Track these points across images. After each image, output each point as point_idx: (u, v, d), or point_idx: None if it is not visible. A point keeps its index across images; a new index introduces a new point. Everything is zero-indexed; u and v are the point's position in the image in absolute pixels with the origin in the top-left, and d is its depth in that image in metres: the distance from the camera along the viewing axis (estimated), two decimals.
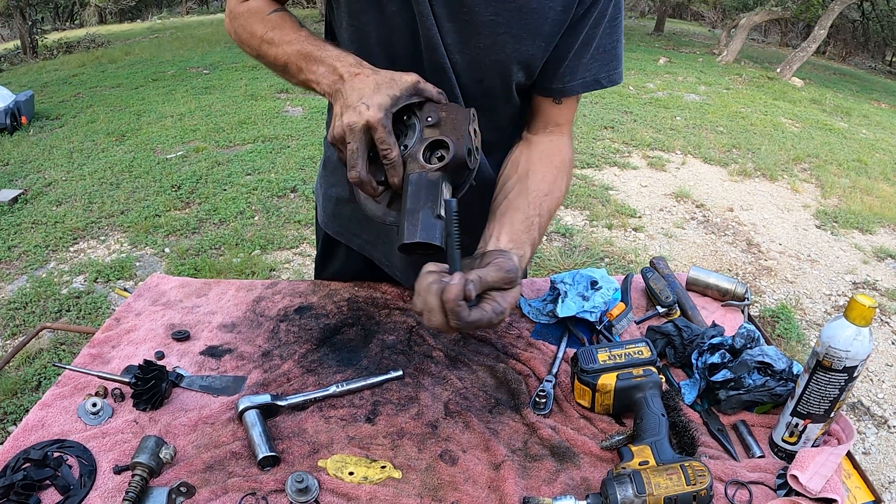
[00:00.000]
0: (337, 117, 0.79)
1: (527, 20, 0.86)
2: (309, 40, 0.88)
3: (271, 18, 0.93)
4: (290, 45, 0.88)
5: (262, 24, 0.93)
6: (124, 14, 20.04)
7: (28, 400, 2.47)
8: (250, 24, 0.94)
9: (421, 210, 0.74)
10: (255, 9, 0.95)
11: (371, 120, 0.75)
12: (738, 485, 0.83)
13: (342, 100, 0.79)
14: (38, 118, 6.33)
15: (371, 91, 0.78)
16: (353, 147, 0.76)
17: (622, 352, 0.94)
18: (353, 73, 0.81)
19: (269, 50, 0.91)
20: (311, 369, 1.03)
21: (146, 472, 0.79)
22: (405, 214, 0.74)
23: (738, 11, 14.95)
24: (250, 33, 0.94)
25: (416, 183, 0.76)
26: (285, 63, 0.89)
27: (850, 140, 6.99)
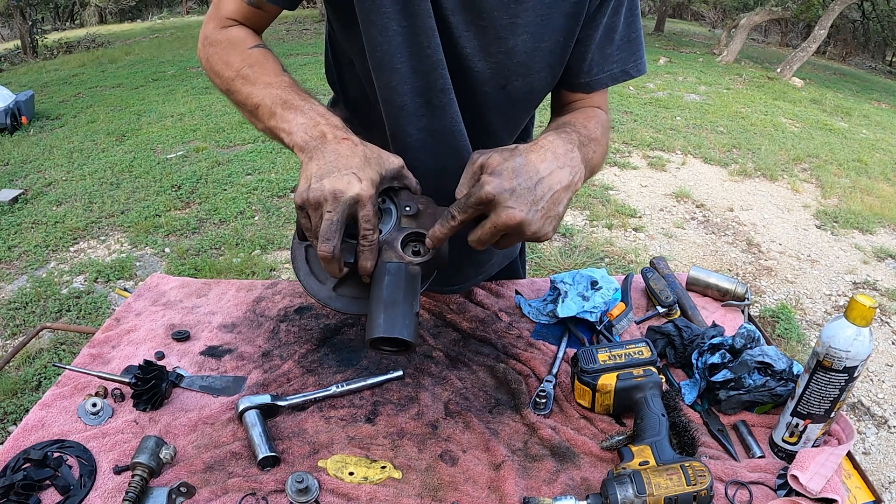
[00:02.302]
0: (312, 178, 0.70)
1: (543, 15, 0.86)
2: (292, 88, 0.82)
3: (252, 53, 0.86)
4: (268, 87, 0.81)
5: (240, 57, 0.86)
6: (124, 14, 20.04)
7: (28, 400, 2.47)
8: (227, 55, 0.87)
9: (400, 304, 0.70)
10: (236, 40, 0.89)
11: (362, 194, 0.70)
12: (738, 485, 0.83)
13: (321, 161, 0.72)
14: (38, 118, 6.33)
15: (360, 163, 0.72)
16: (334, 218, 0.69)
17: (622, 352, 0.94)
18: (339, 136, 0.75)
19: (243, 87, 0.84)
20: (312, 369, 1.03)
21: (146, 472, 0.79)
22: (381, 305, 0.70)
23: (738, 11, 14.95)
24: (225, 63, 0.87)
25: (396, 274, 0.72)
26: (257, 105, 0.81)
27: (851, 140, 6.98)
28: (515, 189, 0.69)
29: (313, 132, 0.75)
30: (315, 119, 0.76)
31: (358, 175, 0.71)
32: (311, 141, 0.74)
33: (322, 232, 0.69)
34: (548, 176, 0.72)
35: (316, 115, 0.77)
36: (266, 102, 0.80)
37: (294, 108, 0.78)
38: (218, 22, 0.92)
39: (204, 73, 0.92)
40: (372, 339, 0.69)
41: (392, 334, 0.68)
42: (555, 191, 0.72)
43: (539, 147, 0.74)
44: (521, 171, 0.70)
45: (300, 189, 0.71)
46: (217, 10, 0.93)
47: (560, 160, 0.74)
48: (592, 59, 0.93)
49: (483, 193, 0.69)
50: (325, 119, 0.77)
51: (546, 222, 0.72)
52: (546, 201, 0.71)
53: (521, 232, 0.71)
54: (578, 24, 0.88)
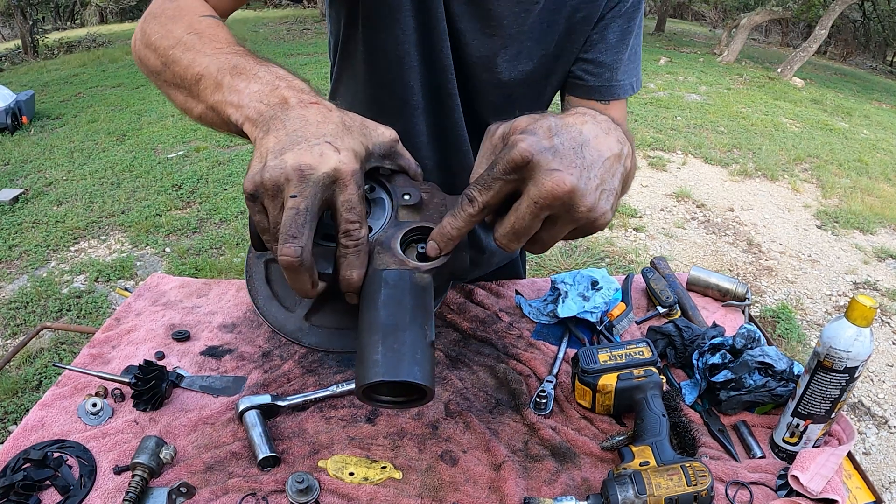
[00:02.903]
0: (268, 154, 0.50)
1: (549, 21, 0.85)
2: (247, 54, 0.61)
3: (203, 21, 0.67)
4: (216, 52, 0.61)
5: (185, 24, 0.66)
6: (125, 13, 20.03)
7: (28, 400, 2.47)
8: (171, 23, 0.67)
9: (407, 329, 0.47)
10: (186, 7, 0.69)
11: (342, 168, 0.49)
12: (738, 485, 0.83)
13: (282, 131, 0.51)
14: (38, 118, 6.34)
15: (337, 129, 0.52)
16: (301, 206, 0.47)
17: (623, 352, 0.94)
18: (306, 100, 0.54)
19: (183, 55, 0.63)
20: (312, 369, 1.03)
21: (146, 472, 0.79)
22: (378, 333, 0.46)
23: (738, 11, 14.95)
24: (165, 32, 0.66)
25: (396, 286, 0.49)
26: (198, 75, 0.60)
27: (851, 140, 6.98)
28: (557, 148, 0.49)
29: (270, 99, 0.54)
30: (274, 83, 0.56)
31: (334, 144, 0.50)
32: (267, 110, 0.53)
33: (283, 226, 0.47)
34: (594, 139, 0.51)
35: (274, 79, 0.56)
36: (210, 71, 0.59)
37: (246, 74, 0.57)
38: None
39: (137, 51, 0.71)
40: (365, 386, 0.45)
41: (397, 376, 0.44)
42: (605, 157, 0.51)
43: (573, 113, 0.54)
44: (561, 131, 0.50)
45: (251, 171, 0.50)
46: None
47: (602, 126, 0.53)
48: (604, 62, 0.90)
49: (517, 153, 0.48)
50: (287, 82, 0.56)
51: (603, 196, 0.50)
52: (598, 168, 0.50)
53: (574, 207, 0.49)
54: (584, 31, 0.87)
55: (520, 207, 0.49)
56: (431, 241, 0.53)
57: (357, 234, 0.51)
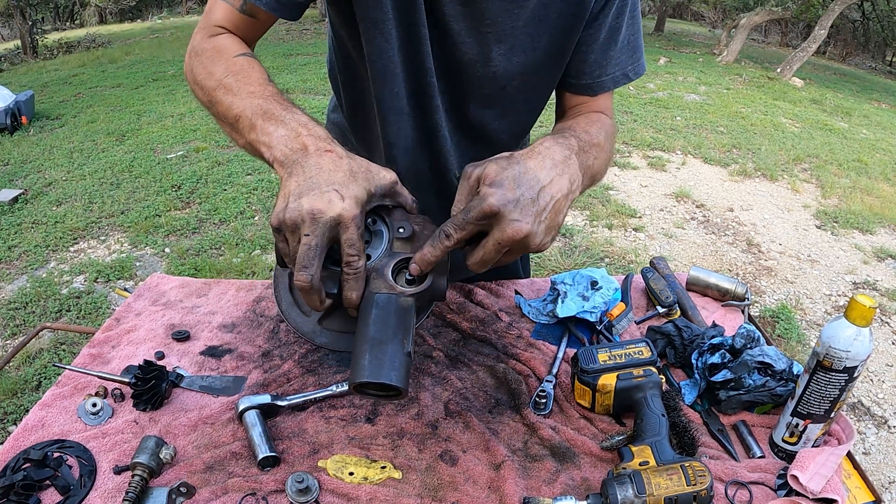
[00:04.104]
0: (290, 197, 0.63)
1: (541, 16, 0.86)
2: (275, 98, 0.74)
3: (237, 62, 0.79)
4: (250, 97, 0.74)
5: (224, 66, 0.79)
6: (124, 14, 20.04)
7: (28, 400, 2.47)
8: (212, 64, 0.80)
9: (389, 342, 0.61)
10: (221, 48, 0.82)
11: (345, 215, 0.62)
12: (738, 485, 0.83)
13: (301, 176, 0.64)
14: (38, 118, 6.34)
15: (344, 178, 0.64)
16: (312, 243, 0.61)
17: (622, 352, 0.94)
18: (322, 148, 0.67)
19: (224, 97, 0.76)
20: (312, 369, 1.03)
21: (146, 472, 0.79)
22: (367, 343, 0.61)
23: (738, 11, 14.95)
24: (208, 73, 0.79)
25: (384, 307, 0.63)
26: (237, 116, 0.74)
27: (851, 140, 6.99)
28: (519, 200, 0.64)
29: (294, 144, 0.68)
30: (297, 130, 0.69)
31: (340, 192, 0.63)
32: (291, 154, 0.67)
33: (299, 258, 0.61)
34: (549, 184, 0.68)
35: (297, 126, 0.70)
36: (247, 114, 0.73)
37: (275, 119, 0.71)
38: (206, 31, 0.85)
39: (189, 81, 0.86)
40: (356, 384, 0.60)
41: (377, 378, 0.59)
42: (556, 199, 0.68)
43: (536, 154, 0.70)
44: (523, 181, 0.65)
45: (276, 209, 0.64)
46: (206, 18, 0.87)
47: (559, 167, 0.70)
48: (595, 61, 0.92)
49: (486, 206, 0.63)
50: (308, 129, 0.69)
51: (548, 234, 0.69)
52: (549, 211, 0.67)
53: (526, 245, 0.66)
54: (578, 25, 0.88)
55: (486, 245, 0.66)
56: (413, 265, 0.68)
57: (356, 265, 0.65)
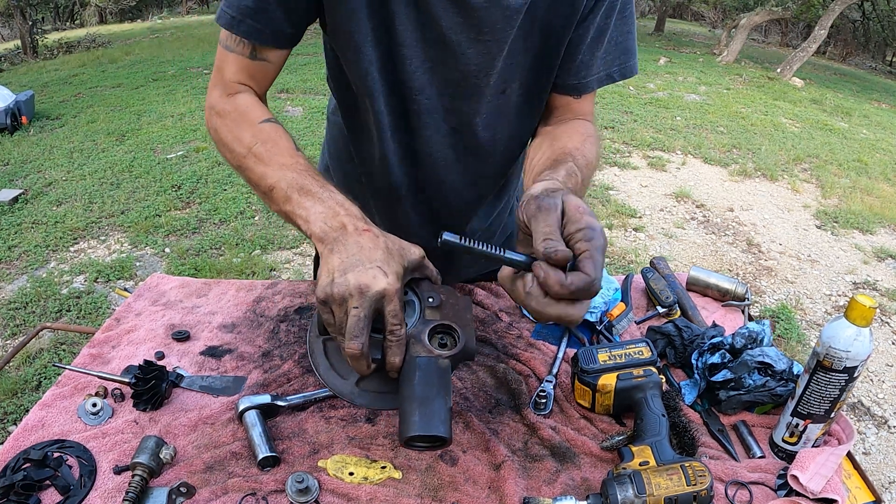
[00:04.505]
0: (335, 272, 0.69)
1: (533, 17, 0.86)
2: (308, 172, 0.79)
3: (263, 129, 0.84)
4: (283, 168, 0.79)
5: (251, 132, 0.84)
6: (125, 14, 20.03)
7: (28, 400, 2.47)
8: (238, 129, 0.85)
9: (434, 399, 0.68)
10: (244, 110, 0.86)
11: (389, 289, 0.68)
12: (738, 485, 0.83)
13: (344, 254, 0.70)
14: (38, 118, 6.34)
15: (384, 256, 0.71)
16: (361, 314, 0.67)
17: (622, 352, 0.94)
18: (360, 228, 0.73)
19: (256, 166, 0.81)
20: (312, 369, 1.03)
21: (146, 472, 0.79)
22: (415, 402, 0.68)
23: (738, 11, 14.95)
24: (236, 138, 0.84)
25: (426, 369, 0.70)
26: (271, 186, 0.79)
27: (851, 140, 6.99)
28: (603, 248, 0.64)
29: (333, 223, 0.74)
30: (334, 209, 0.75)
31: (383, 269, 0.69)
32: (330, 232, 0.73)
33: (349, 329, 0.67)
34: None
35: (335, 205, 0.75)
36: (281, 186, 0.78)
37: (311, 195, 0.76)
38: (223, 88, 0.88)
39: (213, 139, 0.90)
40: (408, 437, 0.67)
41: (430, 432, 0.66)
42: None
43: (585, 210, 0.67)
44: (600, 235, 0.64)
45: (322, 283, 0.69)
46: (220, 73, 0.89)
47: None
48: (582, 61, 0.92)
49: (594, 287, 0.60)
50: (345, 209, 0.75)
51: None
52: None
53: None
54: (570, 26, 0.88)
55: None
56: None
57: (399, 333, 0.70)
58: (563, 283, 0.58)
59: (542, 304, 0.60)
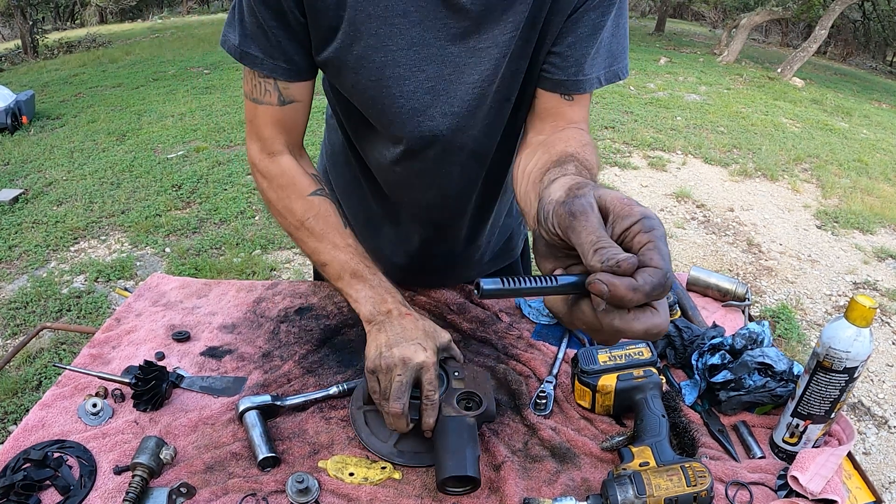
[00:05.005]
0: (382, 347, 0.82)
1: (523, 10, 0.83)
2: (358, 255, 0.91)
3: (313, 202, 0.93)
4: (336, 249, 0.91)
5: (301, 206, 0.93)
6: (125, 14, 20.04)
7: (28, 400, 2.47)
8: (288, 199, 0.94)
9: (465, 448, 0.79)
10: (292, 178, 0.94)
11: (428, 361, 0.81)
12: (738, 485, 0.83)
13: (389, 333, 0.84)
14: (38, 118, 6.34)
15: (423, 336, 0.84)
16: (404, 380, 0.80)
17: (622, 353, 0.94)
18: (403, 312, 0.87)
19: (308, 240, 0.93)
20: (312, 370, 1.03)
21: (146, 472, 0.79)
22: (450, 451, 0.79)
23: (738, 11, 14.95)
24: (287, 208, 0.94)
25: (456, 425, 0.82)
26: (325, 263, 0.92)
27: (851, 140, 6.98)
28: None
29: (381, 307, 0.88)
30: (382, 295, 0.89)
31: (423, 345, 0.83)
32: (378, 315, 0.87)
33: (393, 392, 0.79)
34: None
35: (383, 292, 0.89)
36: (335, 266, 0.91)
37: (362, 280, 0.90)
38: (261, 144, 0.94)
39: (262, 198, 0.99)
40: (444, 479, 0.77)
41: (463, 472, 0.76)
42: None
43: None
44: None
45: (372, 356, 0.83)
46: (254, 127, 0.93)
47: None
48: (572, 56, 0.87)
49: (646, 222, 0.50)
50: (392, 295, 0.90)
51: None
52: None
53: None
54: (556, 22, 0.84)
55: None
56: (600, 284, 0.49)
57: (433, 398, 0.82)
58: (635, 287, 0.46)
59: (625, 320, 0.49)
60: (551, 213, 0.54)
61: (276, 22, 0.82)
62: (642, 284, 0.47)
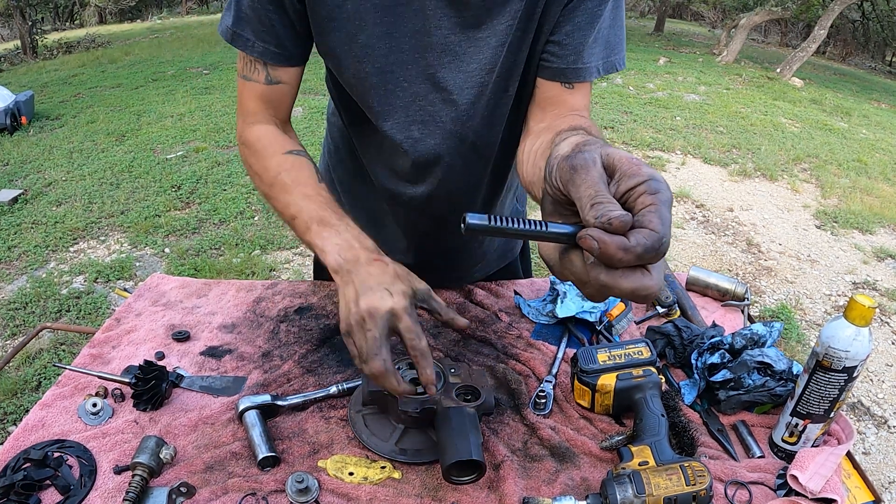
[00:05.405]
0: (350, 302, 0.75)
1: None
2: (328, 204, 0.85)
3: (287, 159, 0.90)
4: (305, 199, 0.85)
5: (277, 162, 0.90)
6: (124, 14, 20.03)
7: (28, 400, 2.47)
8: (264, 159, 0.91)
9: (468, 435, 0.78)
10: (269, 140, 0.92)
11: (396, 307, 0.73)
12: (737, 485, 0.83)
13: (357, 283, 0.76)
14: (38, 118, 6.33)
15: (391, 279, 0.76)
16: (376, 334, 0.72)
17: (622, 352, 0.95)
18: (371, 258, 0.79)
19: (280, 195, 0.87)
20: (312, 369, 1.03)
21: (146, 472, 0.79)
22: (454, 438, 0.78)
23: (738, 11, 14.94)
24: (263, 168, 0.91)
25: (460, 414, 0.81)
26: (294, 216, 0.85)
27: (850, 140, 6.99)
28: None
29: (347, 255, 0.79)
30: (349, 242, 0.80)
31: (389, 290, 0.74)
32: (344, 264, 0.78)
33: (367, 350, 0.71)
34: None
35: (350, 238, 0.81)
36: (303, 217, 0.84)
37: (329, 227, 0.82)
38: (244, 118, 0.94)
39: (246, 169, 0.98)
40: (450, 465, 0.75)
41: (469, 456, 0.75)
42: None
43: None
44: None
45: (343, 316, 0.76)
46: (240, 104, 0.94)
47: None
48: (570, 45, 0.87)
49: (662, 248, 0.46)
50: (359, 242, 0.81)
51: None
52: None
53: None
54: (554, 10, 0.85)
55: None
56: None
57: (419, 346, 0.73)
58: (626, 247, 0.45)
59: (613, 277, 0.47)
60: (555, 168, 0.52)
61: (272, 6, 0.84)
62: (634, 245, 0.45)
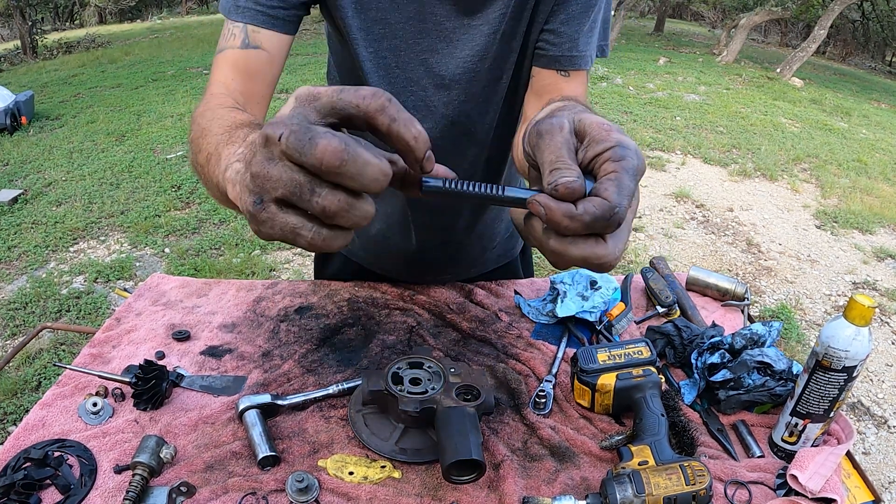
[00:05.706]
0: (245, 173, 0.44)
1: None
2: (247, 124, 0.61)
3: (218, 109, 0.70)
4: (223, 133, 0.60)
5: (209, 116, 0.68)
6: (124, 14, 20.03)
7: (28, 400, 2.47)
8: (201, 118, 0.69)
9: (469, 434, 0.79)
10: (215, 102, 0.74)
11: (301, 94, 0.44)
12: (737, 485, 0.83)
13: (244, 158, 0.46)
14: (38, 118, 6.33)
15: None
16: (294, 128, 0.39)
17: (622, 352, 0.95)
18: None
19: (201, 142, 0.63)
20: (312, 369, 1.03)
21: (146, 471, 0.79)
22: (454, 437, 0.79)
23: (737, 11, 14.94)
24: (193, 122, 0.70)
25: (458, 414, 0.82)
26: (208, 156, 0.59)
27: (850, 140, 6.99)
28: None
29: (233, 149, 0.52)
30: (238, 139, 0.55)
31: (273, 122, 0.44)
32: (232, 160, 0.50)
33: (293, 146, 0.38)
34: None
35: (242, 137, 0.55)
36: (212, 149, 0.58)
37: (235, 140, 0.55)
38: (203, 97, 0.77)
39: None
40: (450, 464, 0.75)
41: (469, 455, 0.75)
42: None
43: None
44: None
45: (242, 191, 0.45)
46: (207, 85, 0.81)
47: None
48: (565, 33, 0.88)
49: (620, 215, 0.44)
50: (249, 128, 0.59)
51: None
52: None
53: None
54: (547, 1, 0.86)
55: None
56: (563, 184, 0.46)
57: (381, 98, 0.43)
58: (572, 215, 0.43)
59: (563, 243, 0.45)
60: (526, 134, 0.50)
61: None
62: (581, 214, 0.43)
